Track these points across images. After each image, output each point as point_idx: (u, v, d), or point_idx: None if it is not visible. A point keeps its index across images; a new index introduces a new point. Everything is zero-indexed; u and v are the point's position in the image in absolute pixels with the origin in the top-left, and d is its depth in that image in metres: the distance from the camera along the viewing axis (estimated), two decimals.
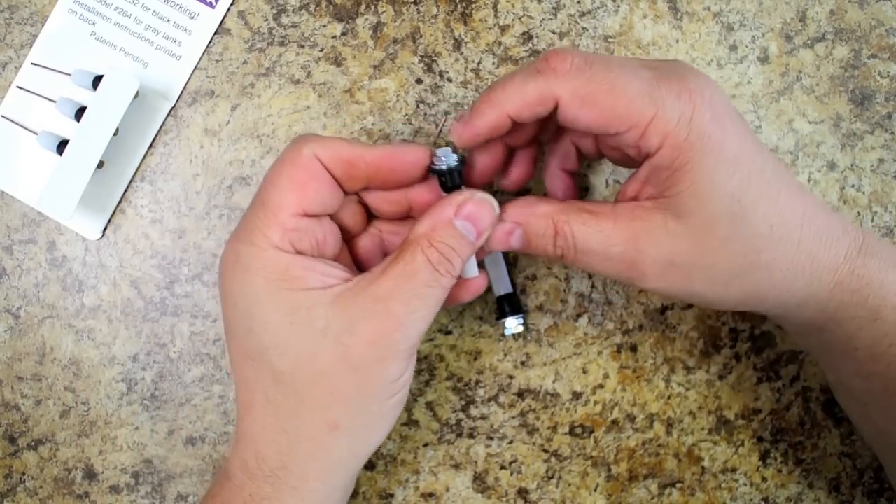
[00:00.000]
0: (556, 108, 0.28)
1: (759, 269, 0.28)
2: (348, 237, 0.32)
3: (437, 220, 0.29)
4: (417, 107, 0.38)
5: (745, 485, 0.38)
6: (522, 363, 0.38)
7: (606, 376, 0.38)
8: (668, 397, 0.38)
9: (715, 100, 0.27)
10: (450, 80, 0.38)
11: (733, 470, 0.38)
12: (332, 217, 0.31)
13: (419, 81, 0.38)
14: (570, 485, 0.38)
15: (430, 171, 0.30)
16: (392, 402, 0.29)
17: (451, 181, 0.30)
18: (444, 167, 0.30)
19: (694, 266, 0.28)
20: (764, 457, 0.39)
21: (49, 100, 0.38)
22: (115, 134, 0.36)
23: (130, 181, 0.38)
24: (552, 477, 0.38)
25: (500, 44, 0.38)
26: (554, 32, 0.38)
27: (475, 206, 0.29)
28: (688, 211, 0.27)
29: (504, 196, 0.33)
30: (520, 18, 0.38)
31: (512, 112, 0.28)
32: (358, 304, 0.27)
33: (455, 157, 0.30)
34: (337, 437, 0.29)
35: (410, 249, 0.28)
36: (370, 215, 0.33)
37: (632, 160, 0.30)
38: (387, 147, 0.30)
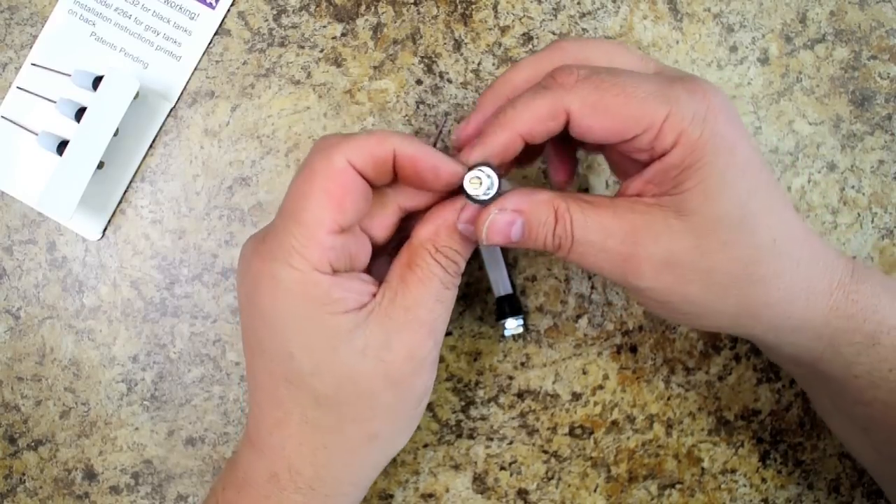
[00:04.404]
0: (567, 124, 0.27)
1: (756, 282, 0.28)
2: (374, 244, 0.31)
3: (441, 224, 0.29)
4: (417, 107, 0.38)
5: (744, 486, 0.39)
6: (522, 364, 0.38)
7: (606, 377, 0.38)
8: (668, 398, 0.38)
9: (726, 105, 0.27)
10: (450, 80, 0.38)
11: (733, 471, 0.38)
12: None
13: (419, 82, 0.38)
14: (569, 485, 0.38)
15: (464, 194, 0.28)
16: (421, 407, 0.30)
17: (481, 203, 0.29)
18: (482, 197, 0.28)
19: (692, 267, 0.27)
20: (764, 458, 0.39)
21: (49, 100, 0.38)
22: (115, 134, 0.36)
23: (130, 182, 0.38)
24: (552, 478, 0.38)
25: (500, 44, 0.38)
26: (554, 33, 0.38)
27: (475, 209, 0.29)
28: (693, 209, 0.27)
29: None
30: (520, 19, 0.38)
31: (523, 131, 0.27)
32: (391, 319, 0.28)
33: (495, 186, 0.28)
34: (374, 446, 0.29)
35: (421, 255, 0.28)
36: None
37: (632, 167, 0.29)
38: (423, 150, 0.28)
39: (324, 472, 0.29)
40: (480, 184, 0.28)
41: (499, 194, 0.28)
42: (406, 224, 0.31)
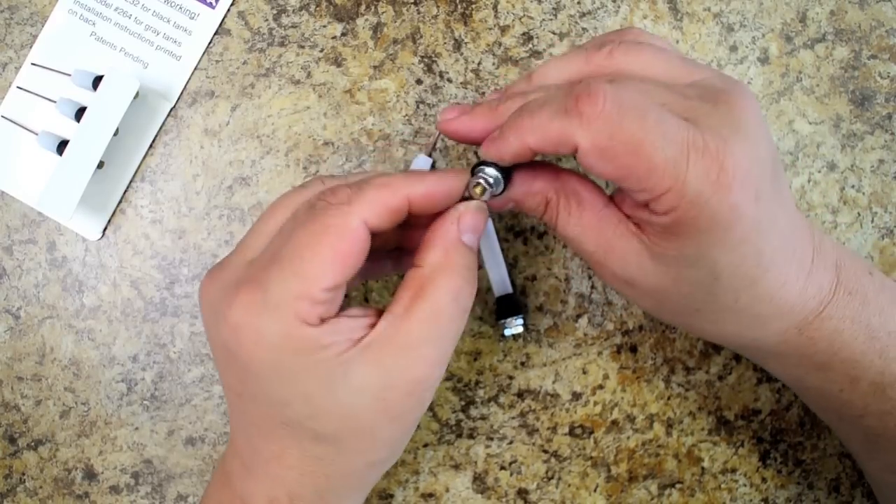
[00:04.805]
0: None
1: (706, 322, 0.28)
2: None
3: (448, 243, 0.28)
4: (417, 107, 0.38)
5: (744, 485, 0.39)
6: (522, 364, 0.38)
7: (606, 377, 0.38)
8: (668, 398, 0.38)
9: (751, 173, 0.25)
10: (450, 80, 0.38)
11: (733, 470, 0.38)
12: None
13: (419, 82, 0.38)
14: (569, 485, 0.38)
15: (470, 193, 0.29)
16: (416, 425, 0.30)
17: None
18: (486, 197, 0.28)
19: (647, 294, 0.28)
20: (764, 457, 0.39)
21: (49, 100, 0.38)
22: (115, 134, 0.36)
23: (130, 181, 0.38)
24: (552, 477, 0.38)
25: (500, 44, 0.38)
26: (554, 33, 0.38)
27: (474, 216, 0.28)
28: (665, 262, 0.27)
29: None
30: (520, 19, 0.38)
31: (533, 145, 0.27)
32: (390, 356, 0.26)
33: (500, 187, 0.28)
34: (374, 470, 0.29)
35: (432, 285, 0.27)
36: None
37: None
38: (432, 182, 0.28)
39: (325, 495, 0.29)
40: (483, 191, 0.28)
41: (503, 190, 0.29)
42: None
